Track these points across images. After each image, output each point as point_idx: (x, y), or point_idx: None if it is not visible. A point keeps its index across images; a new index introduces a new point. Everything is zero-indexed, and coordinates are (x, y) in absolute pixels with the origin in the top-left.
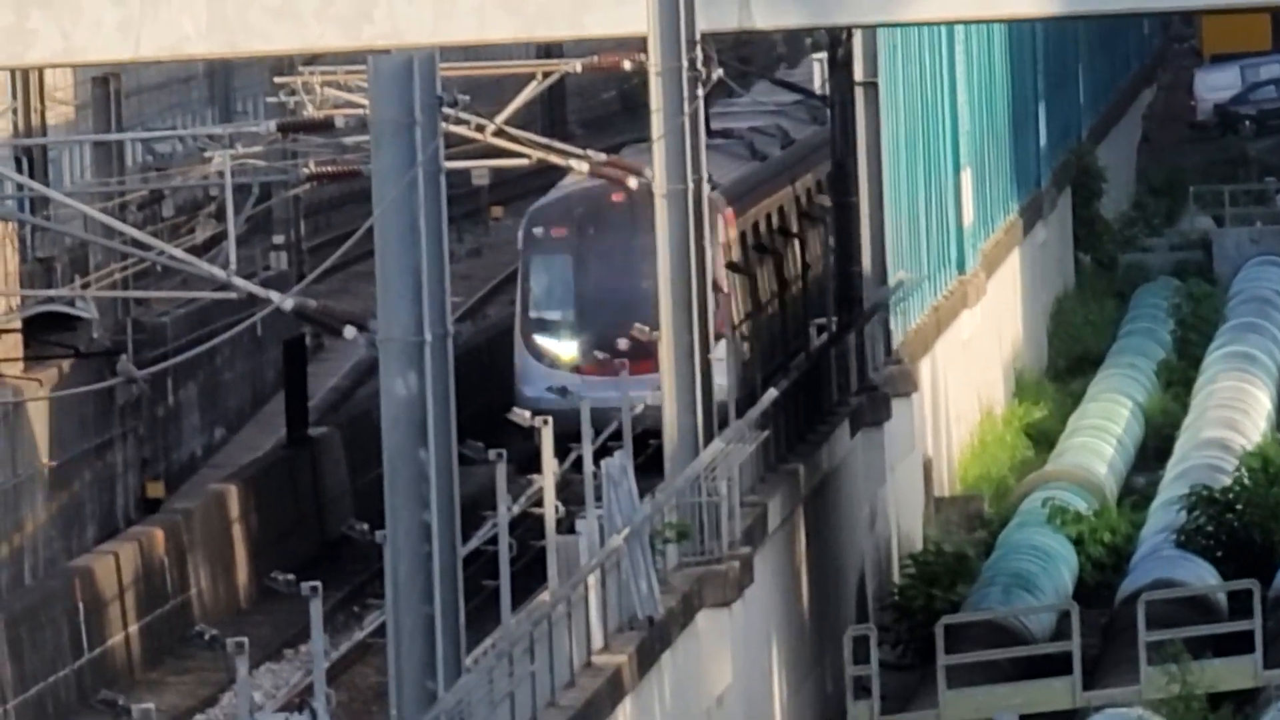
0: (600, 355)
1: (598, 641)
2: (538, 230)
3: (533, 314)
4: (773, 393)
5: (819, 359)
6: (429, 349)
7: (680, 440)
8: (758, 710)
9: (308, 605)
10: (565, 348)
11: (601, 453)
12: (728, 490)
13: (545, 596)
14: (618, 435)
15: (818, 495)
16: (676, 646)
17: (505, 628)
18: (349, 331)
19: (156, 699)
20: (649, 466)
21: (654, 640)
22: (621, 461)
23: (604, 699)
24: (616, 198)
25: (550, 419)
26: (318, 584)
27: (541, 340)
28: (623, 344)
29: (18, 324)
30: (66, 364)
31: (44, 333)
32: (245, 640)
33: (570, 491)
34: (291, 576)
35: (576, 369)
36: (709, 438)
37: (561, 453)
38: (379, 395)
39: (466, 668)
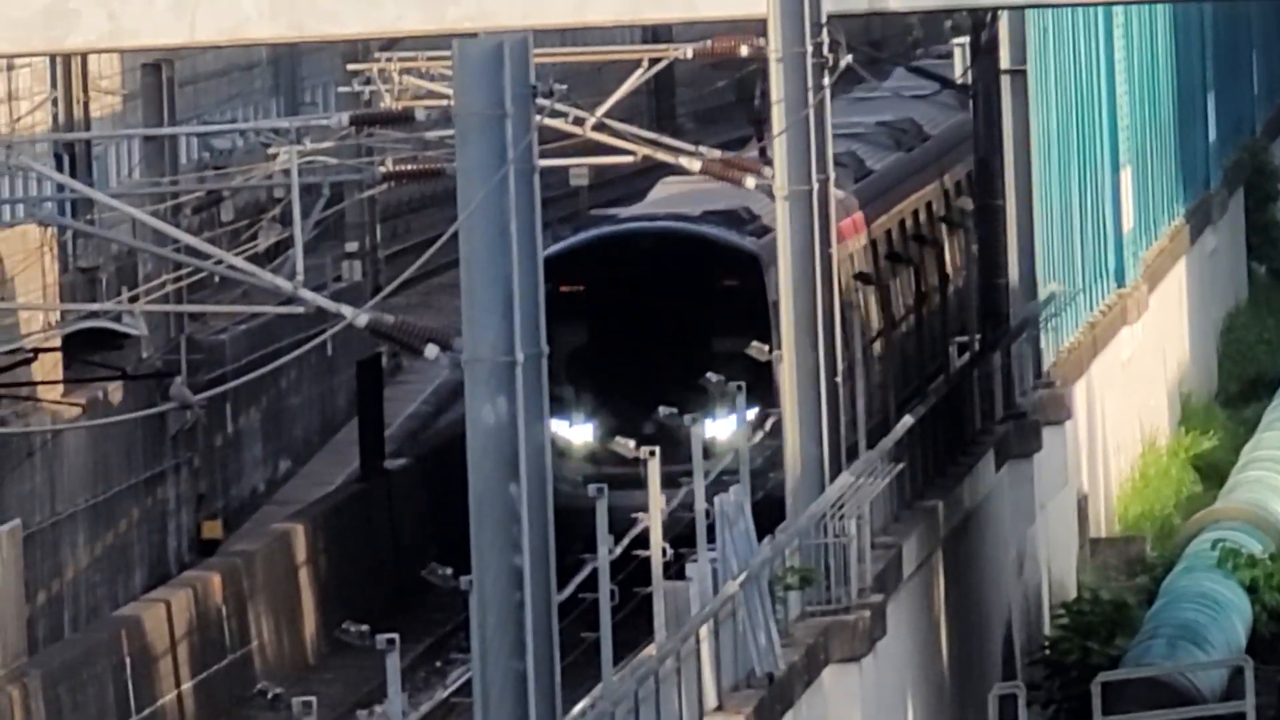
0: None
1: (711, 700)
2: (547, 285)
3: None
4: (908, 420)
5: (960, 382)
6: (521, 370)
7: (804, 474)
8: None
9: (383, 660)
10: (579, 434)
11: (568, 608)
12: (857, 530)
13: (651, 650)
14: (642, 543)
15: (958, 536)
16: (800, 706)
17: (606, 685)
18: (430, 350)
19: None
20: (634, 620)
21: (774, 699)
22: (738, 498)
23: None
24: (647, 244)
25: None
26: (394, 636)
27: (553, 423)
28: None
29: (57, 342)
30: (112, 387)
31: (86, 352)
32: (314, 700)
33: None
34: (365, 627)
35: (594, 461)
36: (836, 471)
37: (572, 563)
38: (464, 423)
39: None
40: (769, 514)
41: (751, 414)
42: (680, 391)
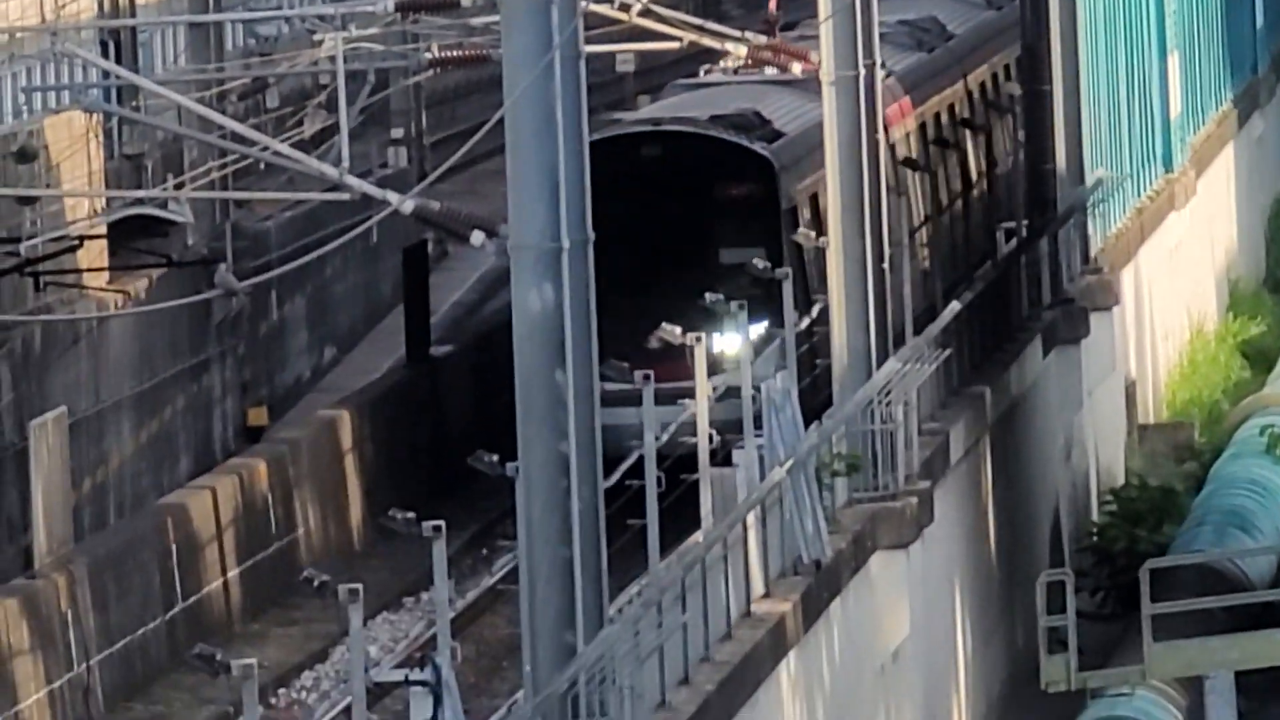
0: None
1: (758, 588)
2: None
3: None
4: (955, 306)
5: (1007, 268)
6: (567, 256)
7: (851, 361)
8: (939, 666)
9: (429, 547)
10: None
11: (614, 495)
12: (904, 417)
13: (698, 538)
14: (638, 472)
15: (1006, 422)
16: (847, 594)
17: (653, 573)
18: (476, 237)
19: (259, 653)
20: (679, 508)
21: (821, 587)
22: (785, 384)
23: (764, 653)
24: (649, 150)
25: None
26: (441, 523)
27: None
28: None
29: (103, 229)
30: (157, 274)
31: (132, 239)
32: (359, 587)
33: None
34: (411, 515)
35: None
36: (883, 358)
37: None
38: (510, 309)
39: (609, 618)
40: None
41: (760, 329)
42: (687, 305)
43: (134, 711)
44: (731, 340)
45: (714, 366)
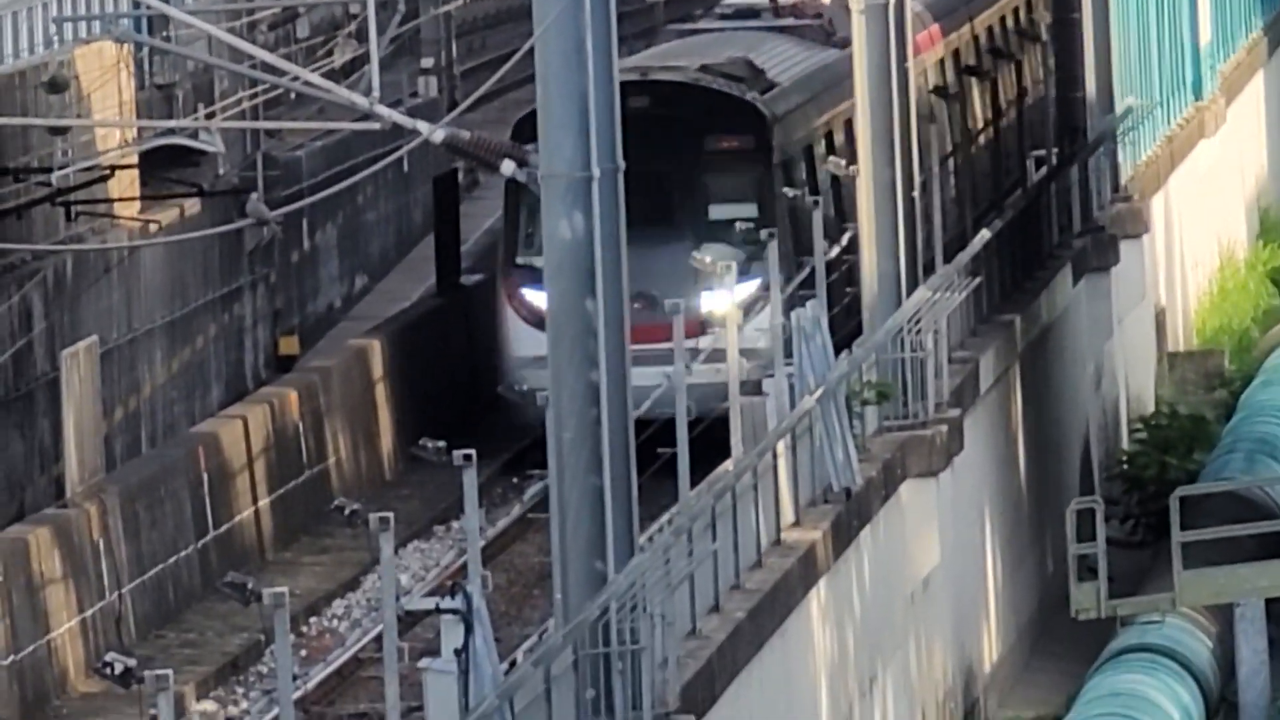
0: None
1: (788, 516)
2: (528, 147)
3: (521, 259)
4: (985, 234)
5: (1037, 196)
6: (597, 185)
7: (881, 289)
8: (969, 594)
9: (460, 476)
10: None
11: (641, 426)
12: (934, 345)
13: (728, 466)
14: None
15: (1036, 350)
16: (877, 522)
17: (683, 501)
18: (507, 166)
19: (290, 582)
20: (662, 480)
21: (851, 515)
22: (815, 312)
23: (795, 581)
24: (637, 100)
25: (533, 407)
26: (471, 452)
27: (533, 295)
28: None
29: (134, 159)
30: (189, 204)
31: (163, 169)
32: (390, 516)
33: None
34: (442, 443)
35: None
36: (913, 286)
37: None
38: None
39: (639, 546)
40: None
41: (753, 286)
42: (674, 261)
43: (166, 640)
44: (721, 298)
45: (702, 327)
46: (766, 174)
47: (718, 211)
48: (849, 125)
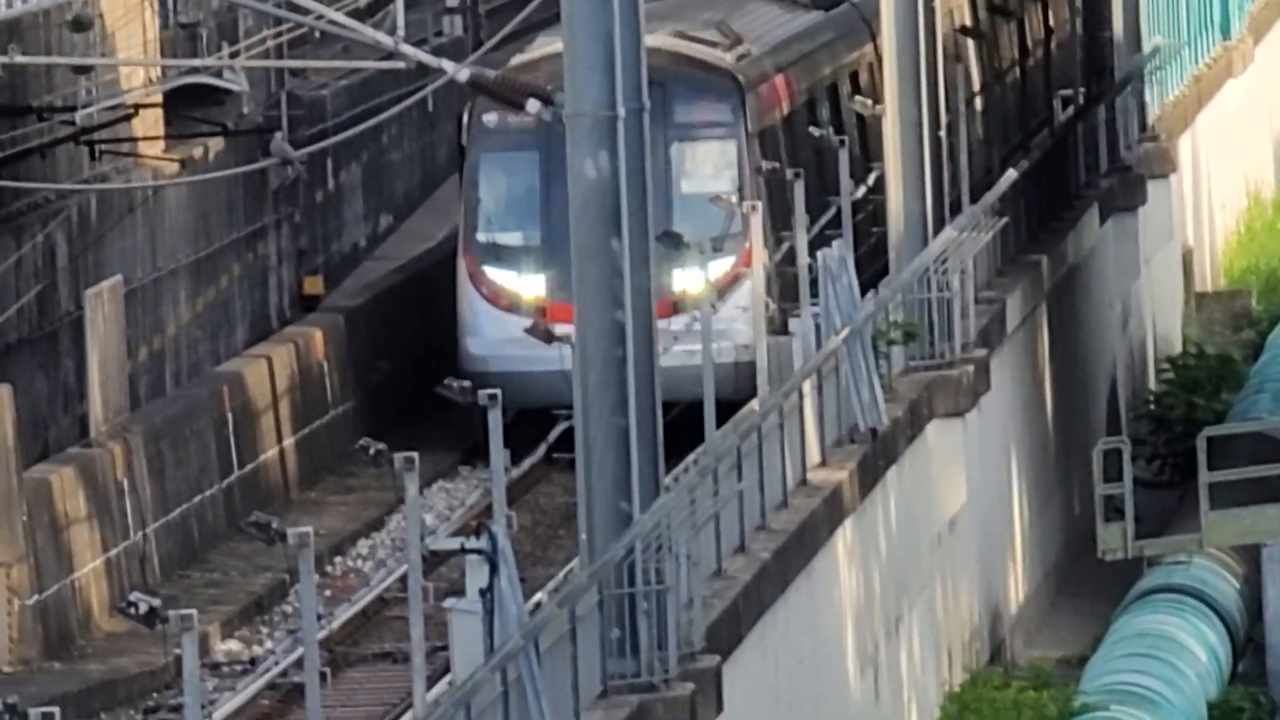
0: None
1: (814, 457)
2: (489, 116)
3: (482, 236)
4: (1012, 174)
5: (1064, 136)
6: (623, 125)
7: (907, 229)
8: (995, 534)
9: (485, 415)
10: (530, 283)
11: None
12: (961, 285)
13: (754, 406)
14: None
15: (1063, 290)
16: (903, 462)
17: (709, 441)
18: (532, 105)
19: (315, 522)
20: (561, 530)
21: (877, 455)
22: (841, 251)
23: (821, 521)
24: None
25: (501, 387)
26: (496, 392)
27: (495, 274)
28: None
29: (158, 98)
30: (213, 143)
31: (188, 108)
32: (415, 455)
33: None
34: (468, 383)
35: (544, 313)
36: (939, 226)
37: (539, 431)
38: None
39: (665, 487)
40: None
41: (726, 265)
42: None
43: (191, 580)
44: (694, 277)
45: (673, 308)
46: (742, 145)
47: (689, 185)
48: (833, 91)
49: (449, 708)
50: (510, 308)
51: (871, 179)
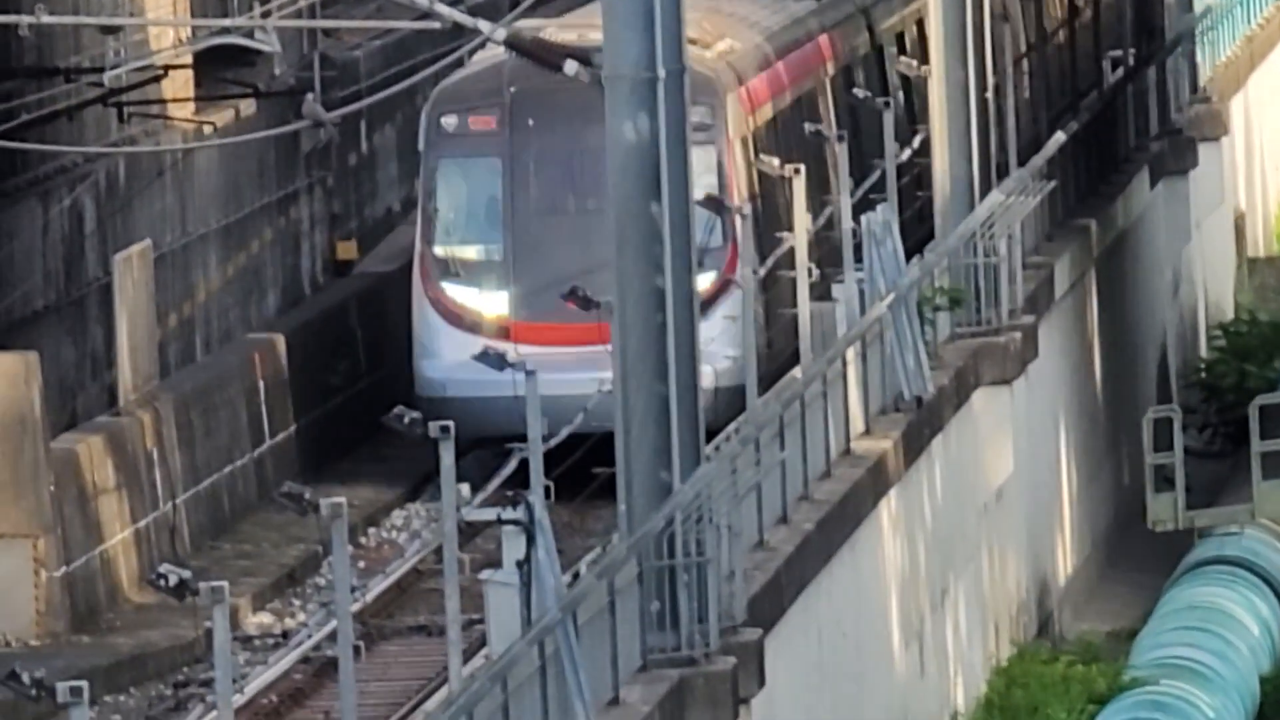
0: (769, 166)
1: (858, 425)
2: (449, 120)
3: (440, 249)
4: (1060, 136)
5: (1114, 98)
6: (663, 86)
7: (953, 193)
8: (1043, 504)
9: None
10: (492, 301)
11: (562, 482)
12: (1008, 250)
13: (797, 373)
14: (578, 442)
15: (1112, 255)
16: (949, 431)
17: (750, 410)
18: (570, 66)
19: (348, 492)
20: (599, 501)
21: (922, 423)
22: (885, 216)
23: (865, 491)
24: (569, 65)
25: (461, 415)
26: (449, 423)
27: (455, 291)
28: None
29: (189, 59)
30: (244, 105)
31: (218, 69)
32: (450, 424)
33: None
34: (508, 348)
35: (507, 334)
36: (986, 190)
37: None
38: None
39: (705, 456)
40: None
41: (707, 280)
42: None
43: (222, 551)
44: None
45: None
46: (722, 150)
47: None
48: (830, 87)
49: (485, 682)
50: (471, 328)
51: (917, 141)
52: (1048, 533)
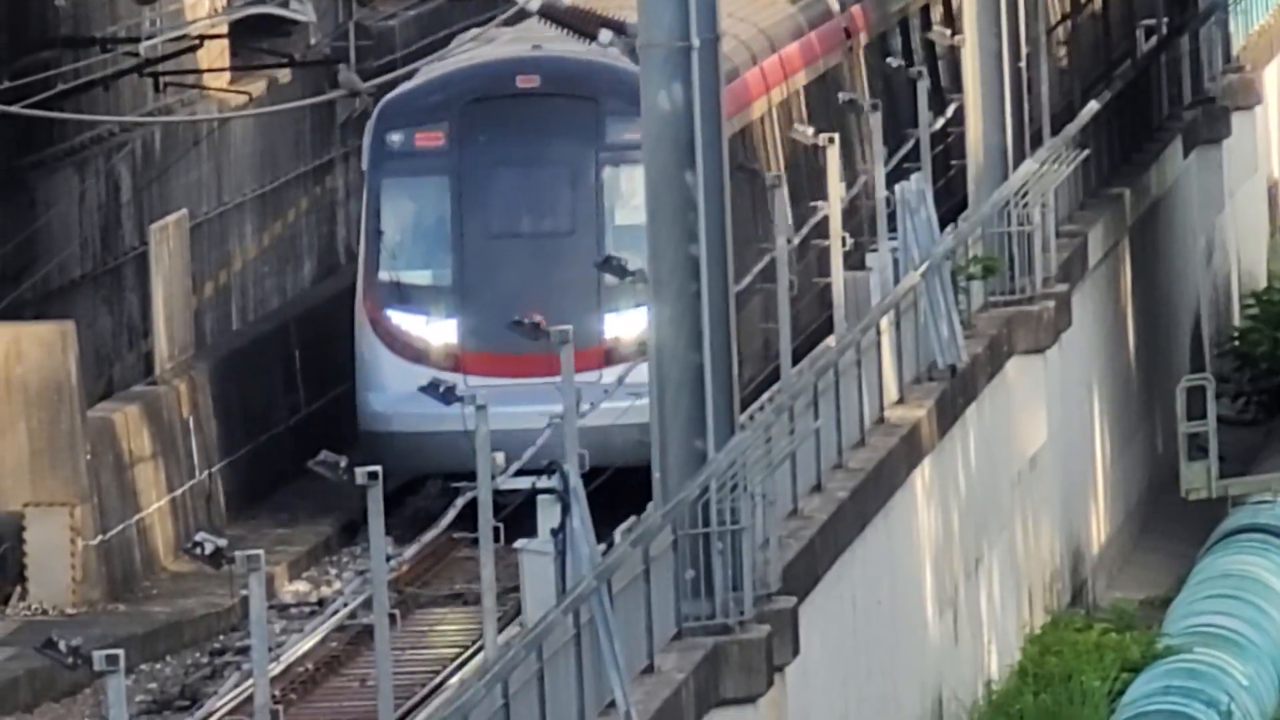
0: (802, 135)
1: (892, 394)
2: (394, 136)
3: (385, 275)
4: (1093, 105)
5: (1147, 66)
6: (697, 55)
7: (987, 161)
8: (1076, 472)
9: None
10: (440, 329)
11: (515, 522)
12: (1041, 218)
13: (831, 342)
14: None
15: (1146, 224)
16: (983, 399)
17: (785, 378)
18: (604, 36)
19: None
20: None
21: (956, 392)
22: (919, 185)
23: (899, 460)
24: (526, 80)
25: (408, 450)
26: (569, 327)
27: (400, 319)
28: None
29: (224, 28)
30: (279, 74)
31: (253, 38)
32: (486, 393)
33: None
34: (540, 318)
35: (456, 364)
36: (1019, 158)
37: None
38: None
39: (740, 425)
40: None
41: None
42: (569, 280)
43: (258, 520)
44: (631, 322)
45: (606, 358)
46: None
47: (624, 215)
48: (810, 93)
49: (521, 650)
50: (418, 358)
51: (950, 110)
52: (1081, 501)
